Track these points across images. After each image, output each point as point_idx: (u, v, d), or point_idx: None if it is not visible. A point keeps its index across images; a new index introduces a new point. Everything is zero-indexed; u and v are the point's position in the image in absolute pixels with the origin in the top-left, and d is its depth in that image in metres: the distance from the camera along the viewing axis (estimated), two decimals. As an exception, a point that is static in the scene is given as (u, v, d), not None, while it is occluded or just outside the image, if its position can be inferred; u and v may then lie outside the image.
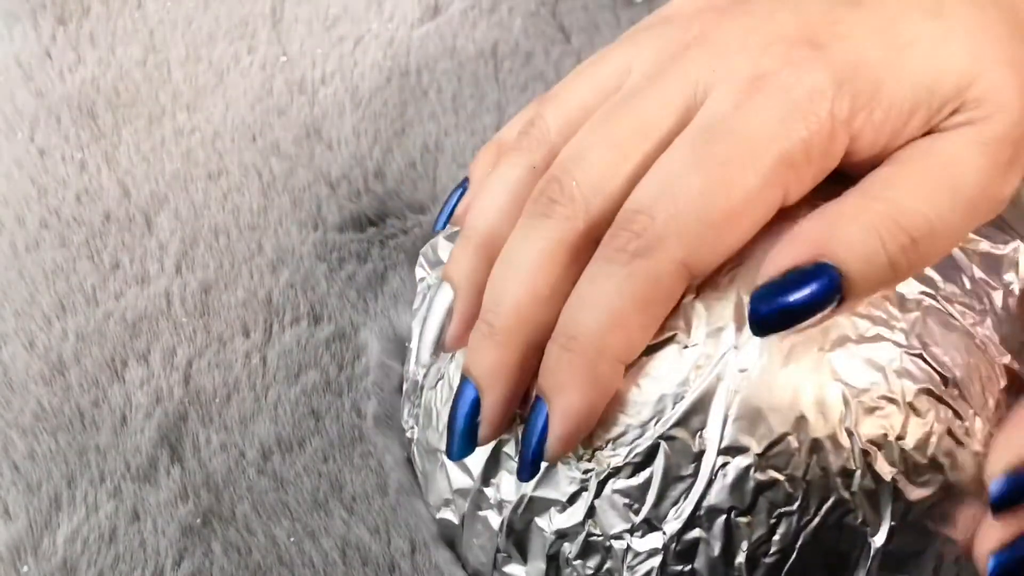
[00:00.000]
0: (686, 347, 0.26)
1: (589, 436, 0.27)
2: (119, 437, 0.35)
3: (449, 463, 0.30)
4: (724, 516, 0.25)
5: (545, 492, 0.27)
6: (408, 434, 0.33)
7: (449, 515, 0.31)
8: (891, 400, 0.26)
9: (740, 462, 0.25)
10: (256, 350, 0.37)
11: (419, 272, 0.35)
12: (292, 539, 0.33)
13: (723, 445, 0.25)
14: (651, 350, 0.26)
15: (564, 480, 0.27)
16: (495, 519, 0.29)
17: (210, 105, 0.43)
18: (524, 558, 0.28)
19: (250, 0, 0.46)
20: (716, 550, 0.26)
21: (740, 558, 0.25)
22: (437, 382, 0.31)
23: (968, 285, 0.28)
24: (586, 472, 0.27)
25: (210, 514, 0.33)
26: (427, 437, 0.31)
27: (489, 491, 0.29)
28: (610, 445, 0.26)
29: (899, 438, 0.26)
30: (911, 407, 0.26)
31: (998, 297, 0.28)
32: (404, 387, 0.34)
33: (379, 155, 0.42)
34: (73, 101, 0.43)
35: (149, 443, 0.34)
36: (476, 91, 0.44)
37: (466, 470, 0.29)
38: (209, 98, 0.44)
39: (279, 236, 0.40)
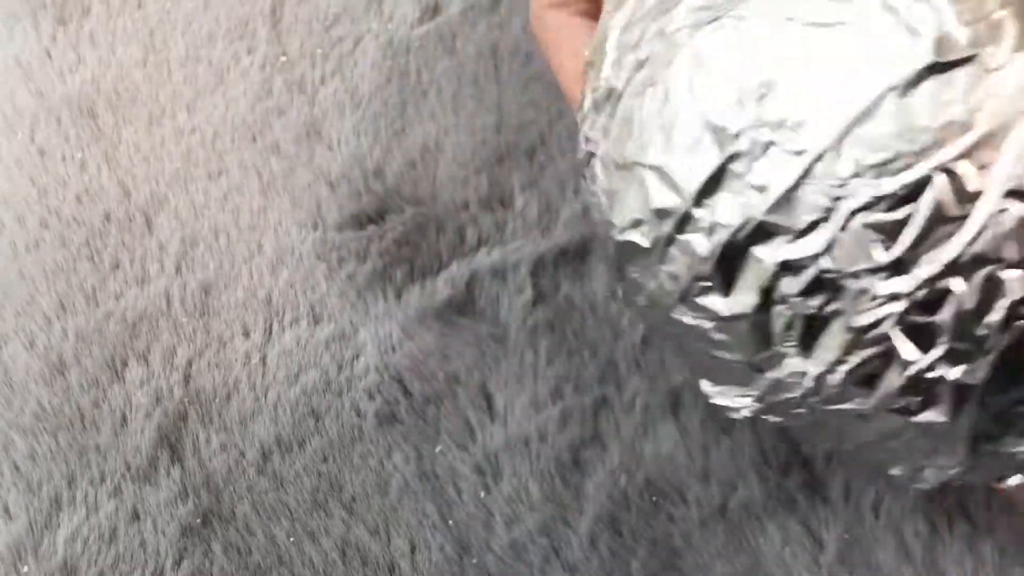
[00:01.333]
0: (987, 70, 0.22)
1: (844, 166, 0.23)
2: (119, 437, 0.35)
3: (651, 179, 0.26)
4: (989, 267, 0.22)
5: (777, 218, 0.24)
6: (588, 148, 0.29)
7: (637, 237, 0.27)
8: None
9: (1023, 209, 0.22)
10: (256, 350, 0.37)
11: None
12: (292, 539, 0.33)
13: (1010, 187, 0.22)
14: (943, 68, 0.22)
15: (806, 207, 0.23)
16: (702, 244, 0.25)
17: (210, 105, 0.43)
18: (728, 289, 0.25)
19: (250, 0, 0.46)
20: (969, 303, 0.22)
21: (994, 316, 0.22)
22: (646, 88, 0.27)
23: None
24: (836, 200, 0.23)
25: (210, 514, 0.33)
26: (622, 150, 0.27)
27: (701, 212, 0.25)
28: (870, 172, 0.23)
29: None
30: None
31: None
32: (588, 100, 0.30)
33: (379, 155, 0.42)
34: (73, 101, 0.43)
35: (149, 443, 0.34)
36: (476, 91, 0.44)
37: (675, 188, 0.25)
38: (209, 98, 0.44)
39: (279, 236, 0.40)
